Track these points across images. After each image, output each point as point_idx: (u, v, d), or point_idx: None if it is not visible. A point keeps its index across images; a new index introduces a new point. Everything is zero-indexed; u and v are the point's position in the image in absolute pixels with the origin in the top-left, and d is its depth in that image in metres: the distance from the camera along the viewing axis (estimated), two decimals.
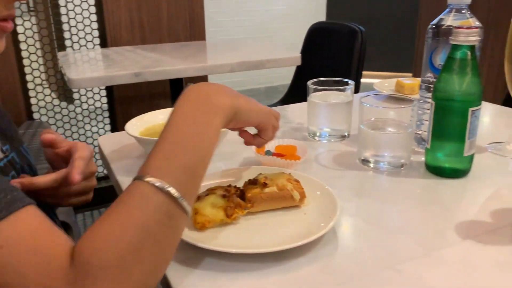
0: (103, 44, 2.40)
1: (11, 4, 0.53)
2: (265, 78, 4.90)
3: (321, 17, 5.12)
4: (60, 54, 2.15)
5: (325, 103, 0.91)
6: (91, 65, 1.93)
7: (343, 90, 0.91)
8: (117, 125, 2.53)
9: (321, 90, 0.91)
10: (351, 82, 0.91)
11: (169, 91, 2.44)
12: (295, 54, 1.88)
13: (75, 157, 0.60)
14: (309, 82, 0.92)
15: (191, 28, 2.55)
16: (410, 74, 3.34)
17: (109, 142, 0.94)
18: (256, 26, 4.83)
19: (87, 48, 2.36)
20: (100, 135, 2.51)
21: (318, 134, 0.93)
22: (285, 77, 4.43)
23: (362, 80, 2.15)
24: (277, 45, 4.75)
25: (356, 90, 2.06)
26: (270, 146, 0.83)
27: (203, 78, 2.65)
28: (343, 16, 5.03)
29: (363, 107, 0.77)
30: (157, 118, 0.90)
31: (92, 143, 2.50)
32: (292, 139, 0.85)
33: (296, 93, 2.29)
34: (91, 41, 2.37)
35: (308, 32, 2.26)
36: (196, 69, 1.73)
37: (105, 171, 0.89)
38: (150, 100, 2.57)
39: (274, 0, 4.84)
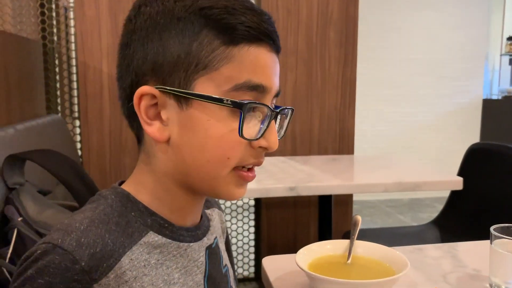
0: None
1: (261, 153, 0.51)
2: None
3: (468, 130, 4.82)
4: None
5: None
6: None
7: None
8: (260, 226, 2.61)
9: (507, 239, 0.82)
10: None
11: (313, 200, 2.49)
12: (454, 178, 1.77)
13: None
14: (493, 228, 0.84)
15: (340, 141, 2.63)
16: None
17: (274, 265, 0.96)
18: (399, 137, 4.75)
19: None
20: (244, 230, 2.63)
21: None
22: None
23: None
24: (427, 163, 4.56)
25: None
26: None
27: (350, 195, 2.64)
28: (499, 130, 4.66)
29: None
30: (325, 248, 0.90)
31: (235, 237, 2.61)
32: None
33: (453, 216, 2.11)
34: None
35: (467, 153, 2.13)
36: (348, 187, 1.74)
37: None
38: (295, 208, 2.63)
39: (418, 112, 4.76)
